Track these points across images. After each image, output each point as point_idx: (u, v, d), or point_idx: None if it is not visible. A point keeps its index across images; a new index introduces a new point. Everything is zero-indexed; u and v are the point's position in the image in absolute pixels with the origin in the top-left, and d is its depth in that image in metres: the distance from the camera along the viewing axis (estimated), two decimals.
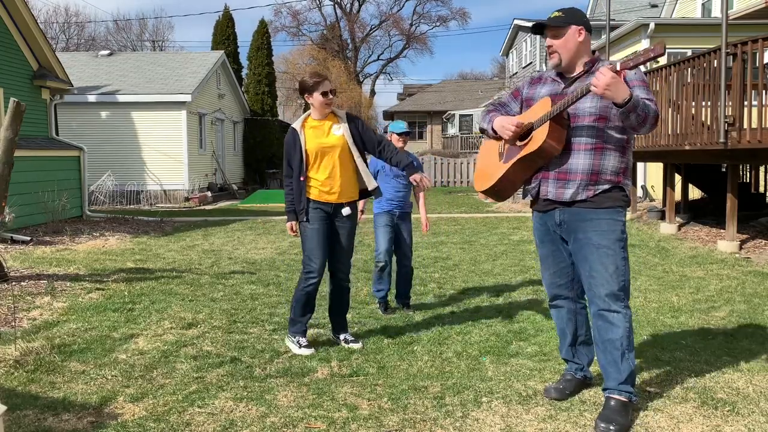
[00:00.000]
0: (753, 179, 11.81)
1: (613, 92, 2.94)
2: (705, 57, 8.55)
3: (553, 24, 3.24)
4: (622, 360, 3.17)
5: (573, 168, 3.22)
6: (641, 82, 3.18)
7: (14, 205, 9.46)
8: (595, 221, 3.20)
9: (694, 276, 6.68)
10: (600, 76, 2.94)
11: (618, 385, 3.17)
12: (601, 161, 3.20)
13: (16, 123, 6.05)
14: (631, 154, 3.32)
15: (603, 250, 3.18)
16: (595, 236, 3.20)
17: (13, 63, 11.67)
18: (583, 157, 3.20)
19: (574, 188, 3.22)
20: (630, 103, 2.96)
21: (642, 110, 3.01)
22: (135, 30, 49.74)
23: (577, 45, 3.23)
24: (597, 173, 3.20)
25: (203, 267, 7.54)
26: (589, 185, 3.21)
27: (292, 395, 3.52)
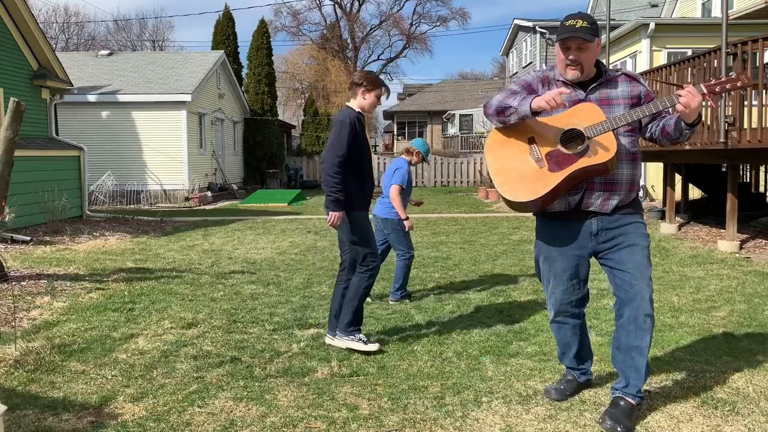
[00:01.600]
0: (753, 179, 11.81)
1: (695, 112, 3.00)
2: (705, 57, 8.55)
3: (585, 38, 3.04)
4: (646, 368, 3.15)
5: (618, 179, 3.15)
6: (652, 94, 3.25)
7: (14, 205, 9.46)
8: (638, 224, 3.21)
9: (694, 276, 6.68)
10: (691, 98, 2.94)
11: (636, 392, 3.15)
12: (635, 171, 3.22)
13: (16, 123, 6.05)
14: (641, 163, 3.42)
15: (645, 251, 3.17)
16: (639, 239, 3.17)
17: (13, 63, 11.66)
18: (626, 167, 3.18)
19: (618, 199, 3.17)
20: (697, 122, 3.02)
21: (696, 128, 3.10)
22: (135, 30, 49.77)
23: (596, 56, 3.20)
24: (633, 183, 3.22)
25: (203, 267, 7.54)
26: (629, 194, 3.22)
27: (292, 395, 3.52)
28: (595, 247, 3.24)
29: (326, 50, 44.02)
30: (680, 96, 2.99)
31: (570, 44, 3.09)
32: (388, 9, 50.47)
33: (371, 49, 50.64)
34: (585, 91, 3.19)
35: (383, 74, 51.49)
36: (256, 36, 25.55)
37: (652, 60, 15.00)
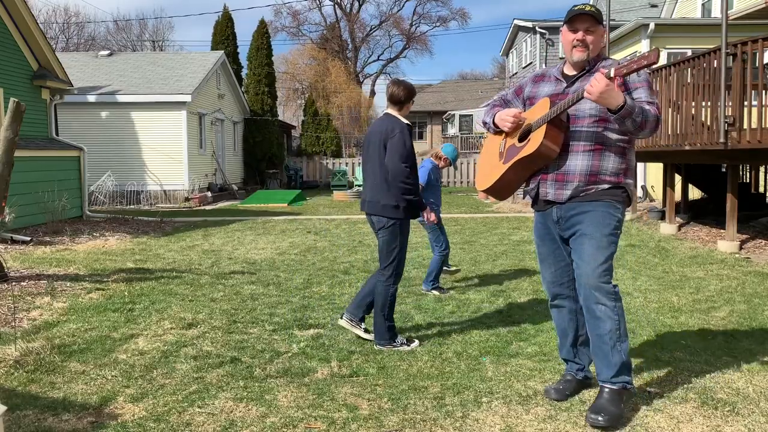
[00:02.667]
0: (753, 179, 11.81)
1: (607, 99, 2.96)
2: (705, 57, 8.55)
3: (597, 17, 3.21)
4: (612, 353, 3.16)
5: (571, 170, 3.22)
6: (645, 84, 3.17)
7: (14, 205, 9.46)
8: (591, 213, 3.20)
9: (694, 276, 6.68)
10: (594, 83, 2.96)
11: (611, 378, 3.18)
12: (600, 162, 3.19)
13: (16, 123, 6.05)
14: (633, 154, 3.31)
15: (594, 242, 3.17)
16: (588, 227, 3.19)
17: (13, 63, 11.66)
18: (582, 158, 3.20)
19: (572, 189, 3.22)
20: (624, 110, 2.97)
21: (639, 116, 3.01)
22: (135, 30, 49.76)
23: (600, 45, 3.26)
24: (596, 174, 3.20)
25: (203, 267, 7.54)
26: (588, 185, 3.21)
27: (292, 395, 3.52)
28: (560, 233, 3.36)
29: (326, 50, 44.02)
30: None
31: (578, 26, 3.23)
32: (388, 9, 50.55)
33: (371, 50, 50.66)
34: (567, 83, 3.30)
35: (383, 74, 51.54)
36: (256, 36, 25.55)
37: None
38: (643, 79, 3.19)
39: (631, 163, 3.29)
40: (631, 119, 3.00)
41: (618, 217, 3.23)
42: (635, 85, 3.16)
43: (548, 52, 26.94)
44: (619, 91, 3.00)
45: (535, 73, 3.55)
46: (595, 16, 3.21)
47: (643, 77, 3.20)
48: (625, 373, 3.19)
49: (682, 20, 17.46)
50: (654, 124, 3.08)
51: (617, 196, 3.23)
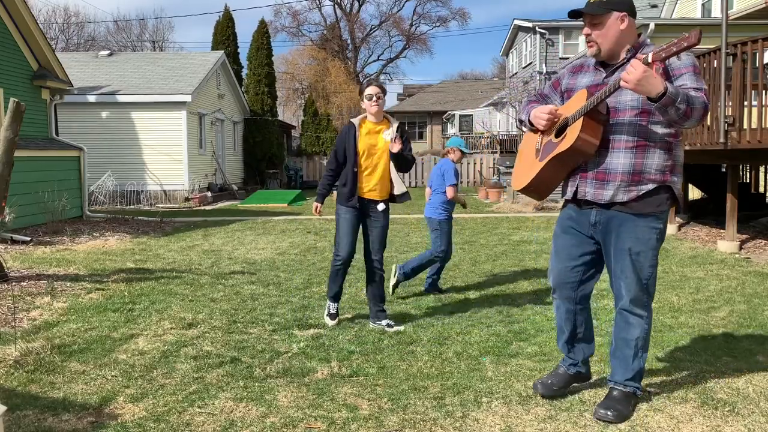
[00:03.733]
0: (753, 179, 11.81)
1: (645, 86, 2.74)
2: (705, 57, 8.55)
3: (591, 12, 3.02)
4: (633, 359, 3.19)
5: (612, 168, 3.03)
6: (690, 69, 2.93)
7: (14, 206, 9.46)
8: (633, 228, 3.07)
9: (694, 276, 6.68)
10: (631, 70, 2.74)
11: (624, 381, 3.22)
12: (644, 160, 3.00)
13: (16, 123, 6.05)
14: (681, 149, 3.11)
15: (635, 257, 3.09)
16: (629, 242, 3.08)
17: (13, 63, 11.66)
18: (624, 156, 3.01)
19: (614, 189, 3.04)
20: (666, 98, 2.73)
21: (684, 103, 2.77)
22: (135, 30, 49.76)
23: (618, 33, 3.01)
24: (639, 173, 3.01)
25: (203, 267, 7.54)
26: (630, 186, 3.03)
27: (292, 395, 3.52)
28: (594, 235, 3.25)
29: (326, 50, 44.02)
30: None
31: (584, 20, 3.08)
32: (388, 9, 50.56)
33: (371, 50, 50.65)
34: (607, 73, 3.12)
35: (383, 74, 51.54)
36: (256, 36, 25.55)
37: None
38: (688, 63, 2.95)
39: (678, 159, 3.09)
40: (674, 107, 2.76)
41: (659, 229, 3.10)
42: (679, 71, 2.93)
43: (548, 52, 26.94)
44: (659, 78, 2.76)
45: (573, 64, 3.37)
46: (593, 7, 3.01)
47: (688, 62, 2.95)
48: (638, 379, 3.24)
49: (682, 20, 17.46)
50: (701, 112, 2.83)
51: (661, 204, 3.06)
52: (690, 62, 2.94)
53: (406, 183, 26.97)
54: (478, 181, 24.09)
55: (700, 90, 2.87)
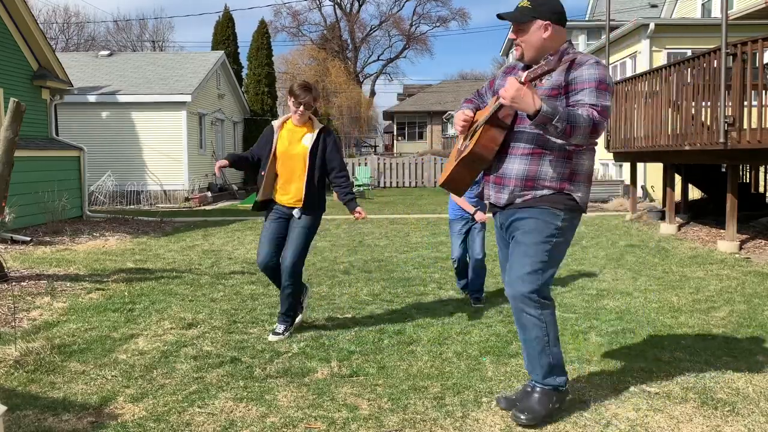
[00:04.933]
0: (753, 179, 11.81)
1: (520, 104, 2.77)
2: (705, 57, 8.55)
3: (512, 19, 3.02)
4: (540, 356, 3.10)
5: (508, 173, 3.05)
6: (591, 84, 2.88)
7: (14, 206, 9.46)
8: (525, 220, 3.05)
9: (694, 276, 6.68)
10: (507, 88, 2.78)
11: (541, 380, 3.14)
12: (538, 167, 3.00)
13: (16, 123, 6.05)
14: (586, 158, 3.06)
15: (522, 249, 3.04)
16: (520, 235, 3.07)
17: (13, 63, 11.66)
18: (518, 162, 3.02)
19: (509, 194, 3.07)
20: (540, 116, 2.74)
21: (563, 122, 2.75)
22: (135, 30, 49.79)
23: (540, 41, 3.00)
24: (533, 179, 3.01)
25: (203, 267, 7.54)
26: (524, 191, 3.03)
27: (292, 395, 3.52)
28: (506, 238, 3.26)
29: (326, 51, 44.04)
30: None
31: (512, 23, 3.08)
32: (388, 9, 50.60)
33: (371, 50, 50.68)
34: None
35: (383, 74, 51.58)
36: (256, 36, 25.55)
37: (652, 60, 15.02)
38: (591, 78, 2.89)
39: (579, 167, 3.04)
40: (551, 126, 2.76)
41: (556, 225, 3.02)
42: (581, 85, 2.89)
43: None
44: (535, 97, 2.75)
45: (507, 65, 3.40)
46: (515, 14, 3.02)
47: (592, 76, 2.89)
48: (556, 374, 3.13)
49: (682, 20, 17.47)
50: (587, 130, 2.80)
51: (557, 203, 3.01)
52: (593, 77, 2.89)
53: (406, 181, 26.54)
54: None
55: (596, 107, 2.83)
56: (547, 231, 3.02)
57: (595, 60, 2.97)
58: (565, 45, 3.05)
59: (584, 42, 25.92)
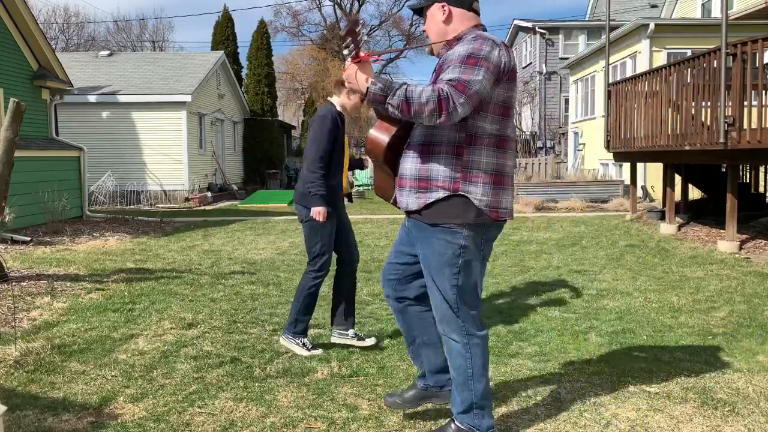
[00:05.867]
0: (753, 179, 11.81)
1: (355, 86, 2.61)
2: (705, 57, 8.55)
3: (413, 7, 2.92)
4: (461, 389, 2.79)
5: (403, 173, 2.76)
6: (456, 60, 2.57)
7: (14, 206, 9.46)
8: (428, 239, 2.73)
9: (694, 276, 6.67)
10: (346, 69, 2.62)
11: (457, 414, 2.83)
12: (429, 165, 2.67)
13: (16, 123, 6.05)
14: (484, 155, 2.66)
15: (433, 273, 2.75)
16: (427, 256, 2.76)
17: (13, 63, 11.67)
18: (411, 160, 2.72)
19: (406, 196, 2.75)
20: (369, 94, 2.55)
21: (398, 98, 2.49)
22: (135, 30, 49.76)
23: (440, 25, 2.78)
24: (425, 179, 2.67)
25: (203, 267, 7.54)
26: (419, 193, 2.69)
27: (292, 395, 3.52)
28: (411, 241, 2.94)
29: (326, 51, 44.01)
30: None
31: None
32: (388, 9, 50.50)
33: (371, 50, 50.58)
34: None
35: (383, 74, 51.50)
36: (256, 37, 25.54)
37: (652, 60, 15.02)
38: (459, 54, 2.59)
39: (475, 164, 2.65)
40: (385, 105, 2.53)
41: (458, 244, 2.68)
42: (448, 63, 2.60)
43: (548, 52, 26.94)
44: (363, 75, 2.58)
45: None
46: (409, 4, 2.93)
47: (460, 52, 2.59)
48: (474, 413, 2.79)
49: (682, 20, 17.47)
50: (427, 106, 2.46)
51: (453, 217, 2.65)
52: (463, 52, 2.58)
53: None
54: None
55: (452, 81, 2.50)
56: (449, 251, 2.69)
57: (476, 35, 2.65)
58: (464, 30, 2.75)
59: (584, 42, 25.95)
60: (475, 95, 2.52)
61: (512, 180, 2.79)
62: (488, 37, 2.64)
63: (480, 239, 2.72)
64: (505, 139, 2.71)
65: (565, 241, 9.37)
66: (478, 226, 2.69)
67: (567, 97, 24.81)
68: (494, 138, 2.67)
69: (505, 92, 2.66)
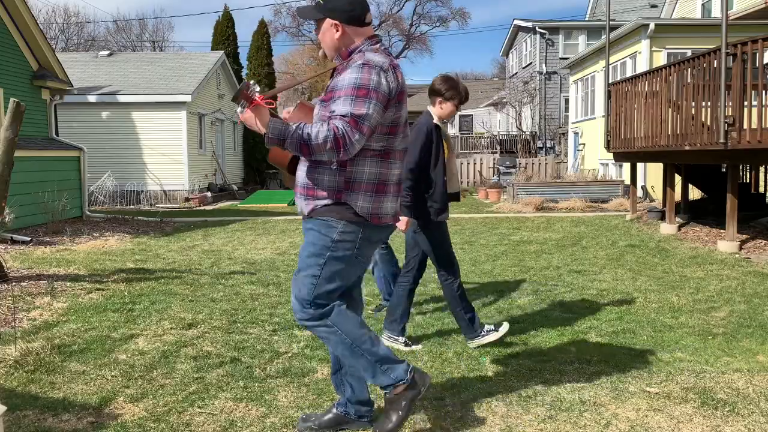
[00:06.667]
0: (753, 179, 11.81)
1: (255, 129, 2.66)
2: (705, 57, 8.56)
3: (300, 16, 2.92)
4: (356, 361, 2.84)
5: (297, 181, 2.88)
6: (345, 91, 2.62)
7: (14, 205, 9.46)
8: (307, 231, 2.84)
9: (694, 276, 6.67)
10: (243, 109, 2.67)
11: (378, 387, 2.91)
12: (315, 175, 2.77)
13: (16, 123, 6.05)
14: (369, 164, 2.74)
15: (300, 261, 2.85)
16: (302, 246, 2.87)
17: (13, 63, 11.67)
18: (301, 169, 2.84)
19: (299, 201, 2.87)
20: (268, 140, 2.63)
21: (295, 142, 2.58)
22: (135, 30, 49.77)
23: (333, 41, 2.79)
24: (312, 188, 2.78)
25: (203, 267, 7.54)
26: (308, 200, 2.81)
27: (292, 395, 3.52)
28: None
29: None
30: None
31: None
32: (388, 9, 50.51)
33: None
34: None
35: None
36: (256, 36, 25.55)
37: (652, 60, 15.02)
38: (346, 84, 2.64)
39: (359, 175, 2.73)
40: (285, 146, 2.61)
41: (331, 238, 2.75)
42: (338, 92, 2.65)
43: (548, 52, 26.95)
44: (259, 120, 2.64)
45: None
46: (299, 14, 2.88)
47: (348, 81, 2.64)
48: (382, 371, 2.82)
49: (682, 20, 17.47)
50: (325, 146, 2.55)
51: (334, 213, 2.75)
52: (351, 82, 2.63)
53: None
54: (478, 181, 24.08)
55: (345, 117, 2.57)
56: (321, 243, 2.78)
57: (363, 62, 2.66)
58: (357, 44, 2.78)
59: (584, 42, 25.95)
60: (368, 129, 2.63)
61: (397, 186, 2.88)
62: (376, 63, 2.67)
63: (356, 237, 2.79)
64: (391, 151, 2.80)
65: (565, 241, 9.37)
66: (355, 224, 2.77)
67: (567, 97, 24.82)
68: (379, 151, 2.76)
69: (393, 114, 2.74)
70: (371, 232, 2.82)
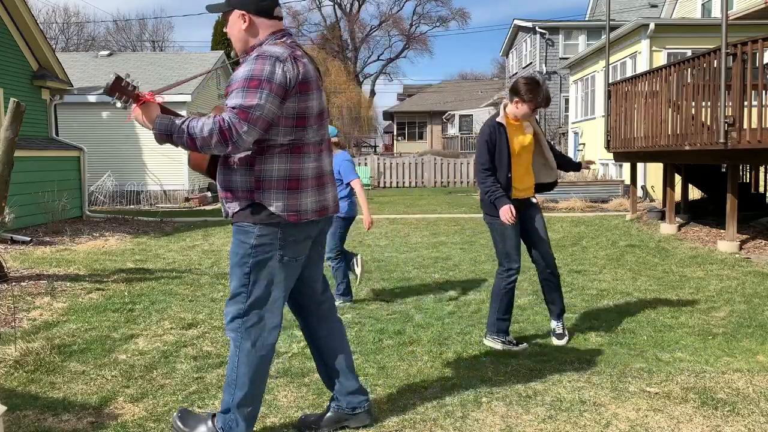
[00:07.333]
0: (753, 179, 11.81)
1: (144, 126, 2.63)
2: (705, 57, 8.55)
3: (208, 9, 2.84)
4: (225, 390, 2.83)
5: (218, 185, 2.83)
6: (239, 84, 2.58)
7: (14, 205, 9.46)
8: (233, 239, 2.81)
9: (694, 276, 6.67)
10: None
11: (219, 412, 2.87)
12: (230, 177, 2.72)
13: (16, 123, 6.05)
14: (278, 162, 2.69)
15: (230, 270, 2.81)
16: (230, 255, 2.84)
17: (13, 63, 11.67)
18: (219, 172, 2.79)
19: (222, 205, 2.84)
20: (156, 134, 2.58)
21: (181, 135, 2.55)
22: (135, 30, 49.79)
23: (241, 33, 2.74)
24: (229, 190, 2.74)
25: (203, 267, 7.54)
26: (228, 203, 2.77)
27: (292, 395, 3.52)
28: None
29: (326, 51, 44.03)
30: None
31: None
32: (388, 9, 50.52)
33: (371, 50, 50.64)
34: None
35: (383, 74, 51.55)
36: None
37: (652, 60, 15.02)
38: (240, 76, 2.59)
39: (268, 173, 2.68)
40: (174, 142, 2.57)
41: (250, 243, 2.71)
42: (232, 86, 2.61)
43: (548, 52, 26.95)
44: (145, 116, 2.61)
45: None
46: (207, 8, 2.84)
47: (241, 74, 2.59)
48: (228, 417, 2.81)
49: (682, 20, 17.47)
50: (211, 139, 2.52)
51: (249, 218, 2.70)
52: (243, 74, 2.59)
53: (406, 181, 26.66)
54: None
55: (234, 109, 2.53)
56: (241, 251, 2.74)
57: (258, 54, 2.63)
58: (262, 38, 2.75)
59: (584, 42, 25.96)
60: (260, 120, 2.55)
61: (316, 181, 2.79)
62: (271, 54, 2.62)
63: (277, 239, 2.73)
64: (303, 145, 2.72)
65: (565, 241, 9.37)
66: (272, 225, 2.71)
67: (567, 97, 24.82)
68: (287, 146, 2.69)
69: (297, 105, 2.66)
70: (293, 231, 2.75)
